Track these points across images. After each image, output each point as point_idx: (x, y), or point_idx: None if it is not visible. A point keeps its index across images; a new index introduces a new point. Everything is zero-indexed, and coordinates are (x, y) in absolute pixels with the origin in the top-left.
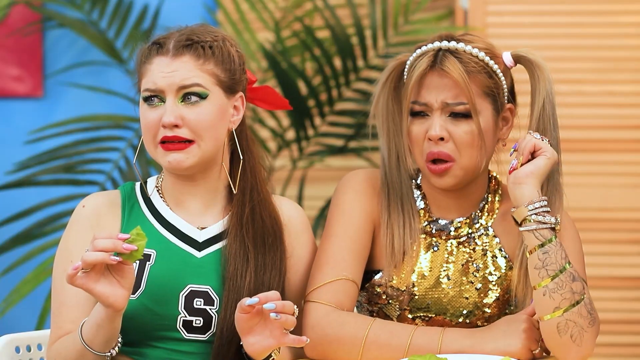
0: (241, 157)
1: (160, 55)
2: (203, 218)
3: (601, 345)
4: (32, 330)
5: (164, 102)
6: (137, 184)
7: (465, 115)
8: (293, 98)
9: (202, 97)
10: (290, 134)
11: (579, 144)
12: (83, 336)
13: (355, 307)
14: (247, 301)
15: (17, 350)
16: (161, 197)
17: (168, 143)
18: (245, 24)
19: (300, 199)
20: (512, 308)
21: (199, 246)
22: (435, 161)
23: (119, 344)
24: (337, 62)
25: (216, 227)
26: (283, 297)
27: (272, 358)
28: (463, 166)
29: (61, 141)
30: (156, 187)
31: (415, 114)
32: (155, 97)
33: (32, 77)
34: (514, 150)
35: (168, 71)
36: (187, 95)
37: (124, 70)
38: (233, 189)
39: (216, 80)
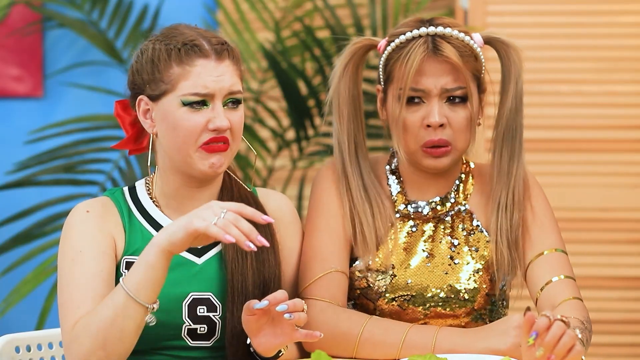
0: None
1: (203, 58)
2: None
3: (601, 345)
4: (32, 330)
5: (207, 105)
6: (125, 190)
7: (462, 100)
8: (293, 98)
9: (239, 102)
10: (290, 134)
11: (579, 144)
12: (128, 287)
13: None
14: (256, 305)
15: (17, 350)
16: (154, 203)
17: (213, 145)
18: (245, 24)
19: (300, 199)
20: (500, 300)
21: (199, 252)
22: (432, 146)
23: (157, 303)
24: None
25: None
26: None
27: (281, 354)
28: (459, 149)
29: (61, 141)
30: (148, 193)
31: (410, 100)
32: (202, 101)
33: (32, 77)
34: (536, 337)
35: (217, 75)
36: (231, 100)
37: (124, 70)
38: (247, 187)
39: (242, 86)
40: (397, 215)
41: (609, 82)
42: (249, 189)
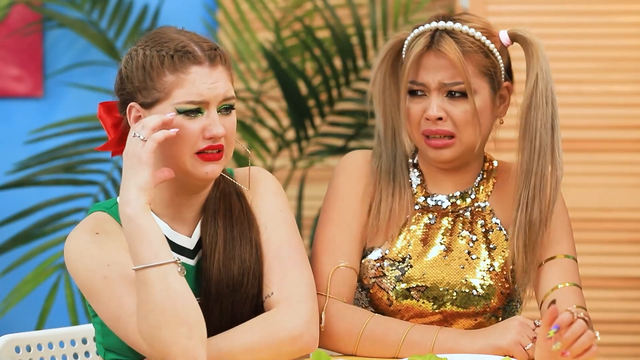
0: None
1: (197, 65)
2: (194, 224)
3: (601, 345)
4: (32, 330)
5: (202, 112)
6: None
7: (463, 95)
8: (293, 98)
9: (233, 107)
10: (290, 134)
11: (579, 144)
12: (147, 262)
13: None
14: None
15: (17, 350)
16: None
17: (208, 153)
18: (245, 24)
19: (300, 199)
20: (514, 303)
21: (192, 253)
22: (429, 137)
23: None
24: (337, 62)
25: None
26: (262, 268)
27: None
28: (464, 142)
29: (61, 141)
30: None
31: (412, 93)
32: (197, 109)
33: (32, 77)
34: (557, 331)
35: (211, 82)
36: (226, 106)
37: None
38: (246, 187)
39: (233, 89)
40: (417, 207)
41: (608, 82)
42: (236, 183)
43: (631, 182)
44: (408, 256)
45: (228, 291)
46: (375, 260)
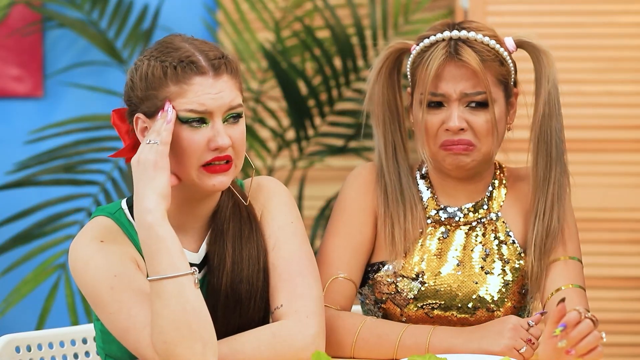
0: None
1: (200, 75)
2: (200, 237)
3: (601, 345)
4: (32, 330)
5: (206, 123)
6: (125, 210)
7: (483, 105)
8: (293, 98)
9: (240, 115)
10: (290, 134)
11: (579, 144)
12: (166, 273)
13: (356, 301)
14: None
15: (17, 350)
16: None
17: (215, 165)
18: (245, 24)
19: (300, 199)
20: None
21: (198, 268)
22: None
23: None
24: (337, 62)
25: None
26: (269, 276)
27: None
28: (482, 152)
29: (61, 141)
30: None
31: (430, 104)
32: (200, 119)
33: (32, 77)
34: (563, 329)
35: (215, 92)
36: (232, 115)
37: (124, 70)
38: (244, 201)
39: (242, 97)
40: (429, 221)
41: (609, 82)
42: (243, 193)
43: (631, 182)
44: (422, 272)
45: (235, 315)
46: (388, 275)
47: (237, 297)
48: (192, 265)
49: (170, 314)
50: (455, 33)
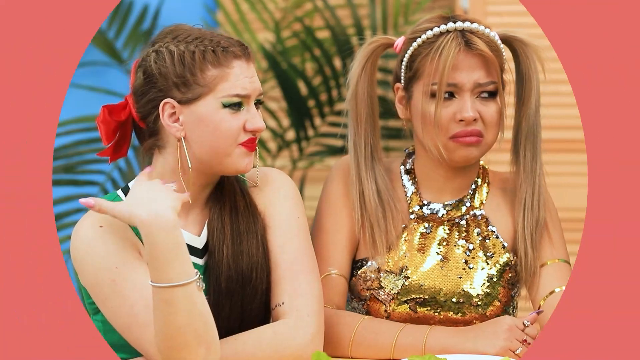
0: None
1: (238, 59)
2: (200, 222)
3: None
4: None
5: (242, 107)
6: (120, 193)
7: (492, 95)
8: (293, 98)
9: (262, 102)
10: (290, 134)
11: (579, 144)
12: (172, 281)
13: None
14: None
15: None
16: None
17: (252, 144)
18: (245, 24)
19: None
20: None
21: (201, 253)
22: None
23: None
24: (337, 62)
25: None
26: (271, 269)
27: None
28: (488, 143)
29: (61, 141)
30: None
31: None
32: (239, 103)
33: None
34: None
35: (250, 76)
36: (259, 100)
37: (124, 70)
38: (254, 184)
39: None
40: (412, 216)
41: None
42: (245, 181)
43: None
44: (405, 267)
45: (238, 286)
46: (371, 271)
47: (239, 270)
48: (194, 249)
49: (178, 321)
50: (459, 24)
